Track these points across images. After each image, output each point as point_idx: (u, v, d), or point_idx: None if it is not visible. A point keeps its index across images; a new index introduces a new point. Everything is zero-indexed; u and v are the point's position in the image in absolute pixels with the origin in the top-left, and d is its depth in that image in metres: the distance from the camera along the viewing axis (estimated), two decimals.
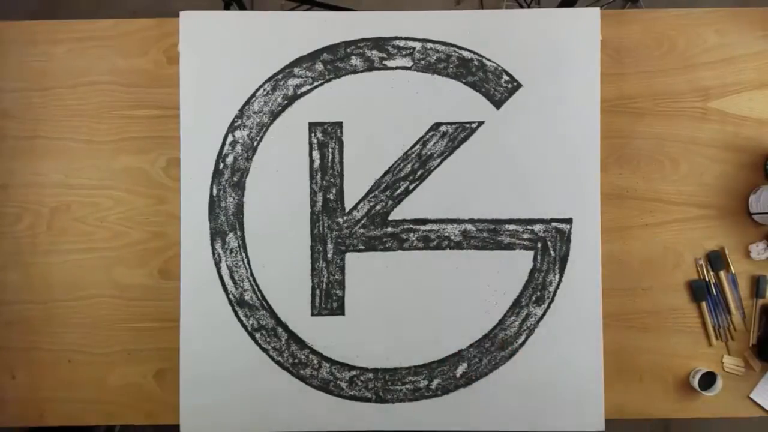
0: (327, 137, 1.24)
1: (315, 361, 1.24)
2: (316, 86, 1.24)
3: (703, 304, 1.24)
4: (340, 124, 1.24)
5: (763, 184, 1.24)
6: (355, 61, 1.24)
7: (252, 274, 1.24)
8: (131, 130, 1.25)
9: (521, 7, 2.09)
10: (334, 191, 1.24)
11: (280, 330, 1.24)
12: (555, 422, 1.23)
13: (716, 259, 1.24)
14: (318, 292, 1.24)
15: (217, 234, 1.24)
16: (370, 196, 1.24)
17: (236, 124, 1.24)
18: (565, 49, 1.24)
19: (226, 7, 1.75)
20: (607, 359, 1.23)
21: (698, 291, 1.24)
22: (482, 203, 1.24)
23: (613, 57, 1.25)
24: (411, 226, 1.24)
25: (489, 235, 1.24)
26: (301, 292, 1.24)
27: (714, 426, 1.99)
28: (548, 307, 1.24)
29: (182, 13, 1.24)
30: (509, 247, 1.24)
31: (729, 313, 1.24)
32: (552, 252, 1.24)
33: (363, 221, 1.24)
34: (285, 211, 1.24)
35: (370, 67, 1.24)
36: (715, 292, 1.24)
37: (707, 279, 1.24)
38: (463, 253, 1.24)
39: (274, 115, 1.24)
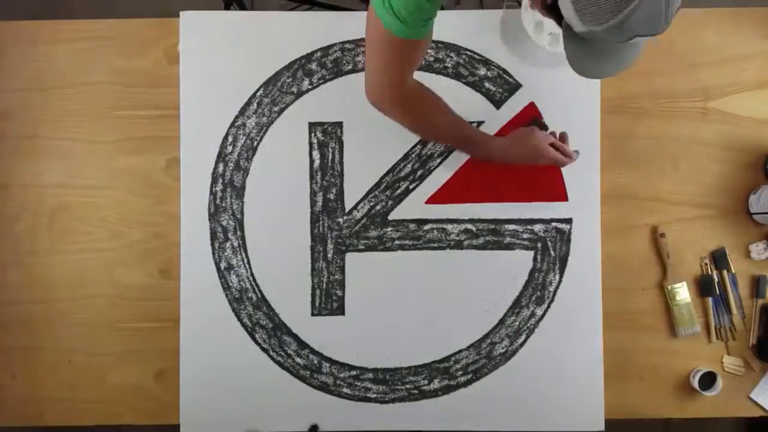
0: (327, 137, 1.24)
1: (315, 361, 1.24)
2: (317, 86, 1.24)
3: (709, 300, 1.24)
4: (340, 124, 1.24)
5: (763, 184, 1.24)
6: (355, 60, 1.24)
7: (252, 274, 1.24)
8: (131, 130, 1.25)
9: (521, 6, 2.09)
10: (334, 191, 1.24)
11: (280, 330, 1.24)
12: (555, 422, 1.23)
13: (720, 259, 1.24)
14: (318, 292, 1.24)
15: (217, 234, 1.24)
16: (370, 196, 1.24)
17: (236, 123, 1.24)
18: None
19: (226, 7, 1.75)
20: (607, 359, 1.23)
21: (705, 286, 1.24)
22: (482, 203, 1.24)
23: None
24: (411, 226, 1.24)
25: (489, 235, 1.24)
26: (301, 292, 1.24)
27: (714, 426, 1.99)
28: (548, 307, 1.24)
29: (182, 13, 1.24)
30: (509, 247, 1.24)
31: (730, 312, 1.24)
32: (552, 252, 1.24)
33: (363, 221, 1.24)
34: (285, 211, 1.24)
35: None
36: (718, 291, 1.24)
37: (713, 277, 1.25)
38: (463, 253, 1.24)
39: (274, 115, 1.24)
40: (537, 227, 1.24)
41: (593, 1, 0.67)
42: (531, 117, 1.22)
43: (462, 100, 1.23)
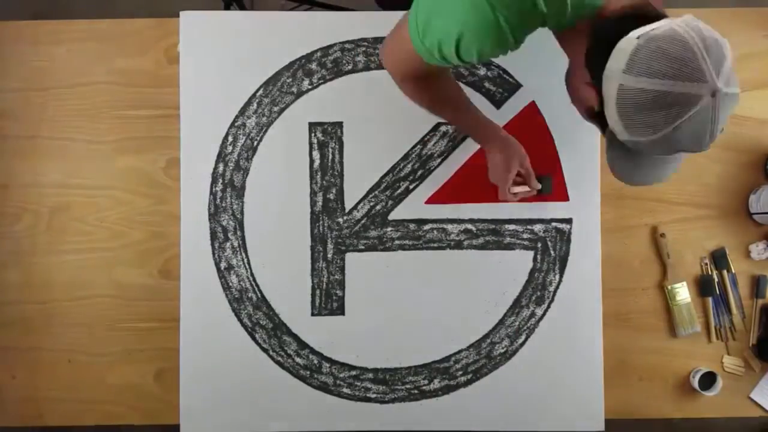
0: (327, 137, 1.24)
1: (315, 361, 1.24)
2: (317, 86, 1.24)
3: (709, 299, 1.24)
4: (340, 124, 1.24)
5: (763, 184, 1.24)
6: (355, 60, 1.24)
7: (252, 274, 1.24)
8: (131, 130, 1.25)
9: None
10: (334, 191, 1.24)
11: (280, 330, 1.24)
12: (555, 422, 1.23)
13: (720, 259, 1.24)
14: (318, 292, 1.24)
15: (217, 234, 1.24)
16: (370, 196, 1.24)
17: (236, 123, 1.24)
18: None
19: (226, 7, 1.75)
20: (607, 359, 1.23)
21: (706, 286, 1.24)
22: (482, 203, 1.24)
23: None
24: (411, 226, 1.24)
25: (489, 235, 1.24)
26: (301, 292, 1.24)
27: (714, 426, 1.99)
28: (548, 307, 1.24)
29: (182, 13, 1.24)
30: (509, 247, 1.24)
31: (730, 312, 1.24)
32: (552, 252, 1.24)
33: (363, 221, 1.24)
34: (285, 211, 1.24)
35: (370, 67, 1.24)
36: (718, 291, 1.24)
37: (713, 277, 1.25)
38: (463, 253, 1.24)
39: (274, 115, 1.24)
40: (537, 227, 1.24)
41: (641, 116, 0.68)
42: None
43: None
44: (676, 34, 0.66)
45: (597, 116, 0.77)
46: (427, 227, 1.24)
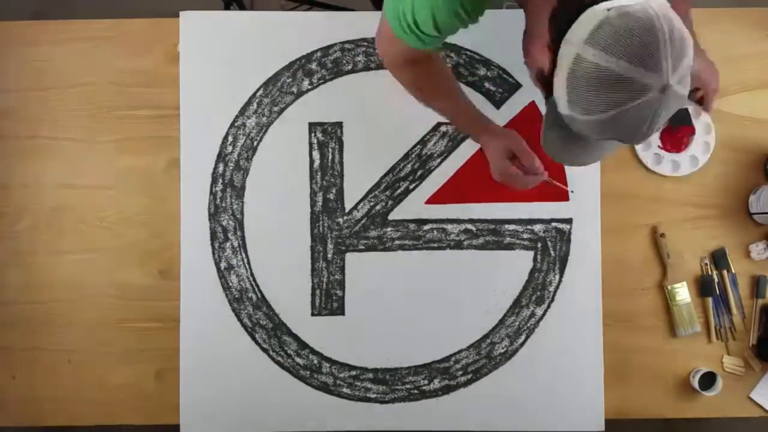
0: (327, 137, 1.24)
1: (315, 361, 1.24)
2: (316, 86, 1.24)
3: (709, 299, 1.24)
4: (340, 124, 1.24)
5: (763, 184, 1.24)
6: (355, 60, 1.24)
7: (252, 274, 1.24)
8: (131, 130, 1.25)
9: (521, 7, 2.09)
10: (334, 191, 1.24)
11: (280, 330, 1.24)
12: (555, 422, 1.23)
13: (720, 259, 1.24)
14: (318, 292, 1.24)
15: (217, 234, 1.24)
16: (370, 196, 1.24)
17: (236, 123, 1.24)
18: None
19: (226, 7, 1.75)
20: (607, 359, 1.23)
21: (706, 286, 1.24)
22: (482, 203, 1.24)
23: None
24: (411, 226, 1.24)
25: (489, 235, 1.24)
26: (301, 292, 1.24)
27: (714, 426, 1.99)
28: (548, 307, 1.24)
29: (182, 13, 1.25)
30: (509, 247, 1.24)
31: (730, 312, 1.24)
32: (552, 252, 1.24)
33: (363, 221, 1.24)
34: (285, 210, 1.24)
35: (370, 67, 1.24)
36: (718, 291, 1.24)
37: (713, 277, 1.25)
38: (463, 253, 1.24)
39: (274, 115, 1.24)
40: (537, 227, 1.24)
41: (588, 93, 0.66)
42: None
43: None
44: (647, 17, 0.63)
45: (545, 82, 0.75)
46: (427, 227, 1.24)
